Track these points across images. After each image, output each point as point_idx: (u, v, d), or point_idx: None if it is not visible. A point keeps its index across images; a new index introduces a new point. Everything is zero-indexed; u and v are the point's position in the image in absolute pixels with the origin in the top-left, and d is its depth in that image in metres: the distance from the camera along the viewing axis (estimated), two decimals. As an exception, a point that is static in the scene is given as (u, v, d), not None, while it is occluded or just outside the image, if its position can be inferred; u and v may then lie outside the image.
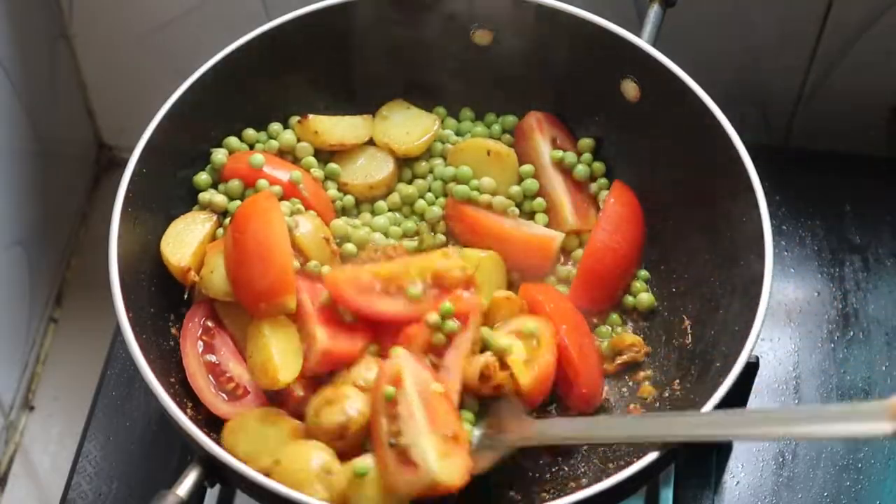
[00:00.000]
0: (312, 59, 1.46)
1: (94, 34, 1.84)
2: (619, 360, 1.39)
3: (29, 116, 1.77)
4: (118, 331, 1.41)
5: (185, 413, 1.19)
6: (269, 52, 1.42)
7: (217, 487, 1.23)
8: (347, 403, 1.25)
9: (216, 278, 1.33)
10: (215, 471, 1.18)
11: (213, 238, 1.38)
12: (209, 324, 1.34)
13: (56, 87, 1.85)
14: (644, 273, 1.44)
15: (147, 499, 1.15)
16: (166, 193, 1.38)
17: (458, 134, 1.50)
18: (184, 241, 1.36)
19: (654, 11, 1.45)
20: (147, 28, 1.80)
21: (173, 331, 1.34)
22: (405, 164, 1.48)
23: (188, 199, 1.40)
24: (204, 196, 1.40)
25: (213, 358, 1.33)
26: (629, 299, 1.43)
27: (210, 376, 1.31)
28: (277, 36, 1.41)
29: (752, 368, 1.34)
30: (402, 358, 1.26)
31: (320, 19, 1.43)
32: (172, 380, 1.28)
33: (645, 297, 1.42)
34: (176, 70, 1.41)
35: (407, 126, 1.48)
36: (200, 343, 1.33)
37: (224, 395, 1.31)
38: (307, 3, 1.43)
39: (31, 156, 1.80)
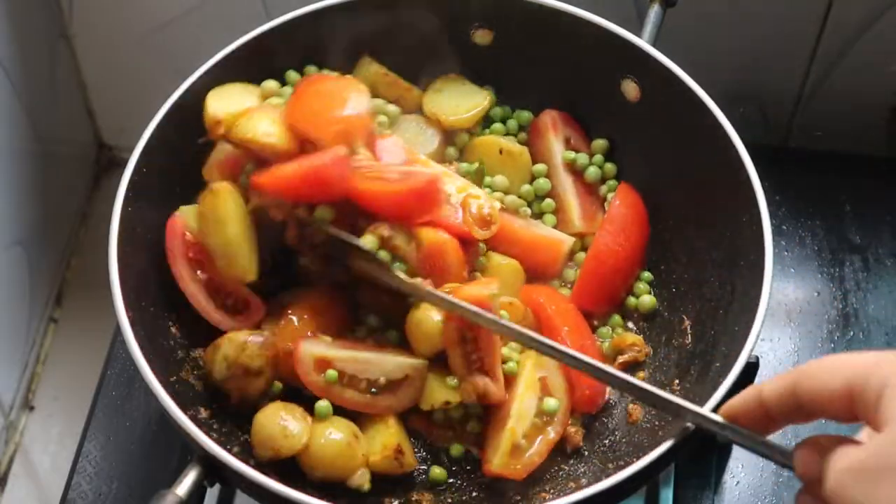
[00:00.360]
0: (312, 59, 1.46)
1: (94, 34, 1.84)
2: (620, 360, 1.38)
3: (29, 116, 1.77)
4: (118, 331, 1.41)
5: (185, 413, 1.19)
6: (269, 52, 1.42)
7: (217, 487, 1.23)
8: None
9: (254, 123, 1.32)
10: (215, 470, 1.18)
11: None
12: (188, 237, 1.33)
13: (56, 87, 1.86)
14: (647, 274, 1.44)
15: (147, 499, 1.15)
16: (167, 193, 1.38)
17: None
18: (231, 99, 1.36)
19: (654, 11, 1.45)
20: (147, 28, 1.80)
21: (173, 330, 1.34)
22: (449, 137, 1.48)
23: (189, 199, 1.40)
24: (270, 83, 1.40)
25: (203, 275, 1.33)
26: (631, 301, 1.43)
27: (207, 295, 1.33)
28: (277, 36, 1.41)
29: (752, 368, 1.34)
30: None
31: (320, 19, 1.43)
32: (173, 380, 1.28)
33: (647, 300, 1.42)
34: (176, 70, 1.41)
35: (457, 99, 1.48)
36: (188, 262, 1.33)
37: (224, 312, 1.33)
38: (307, 3, 1.43)
39: (31, 156, 1.80)
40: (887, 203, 1.66)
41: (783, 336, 1.55)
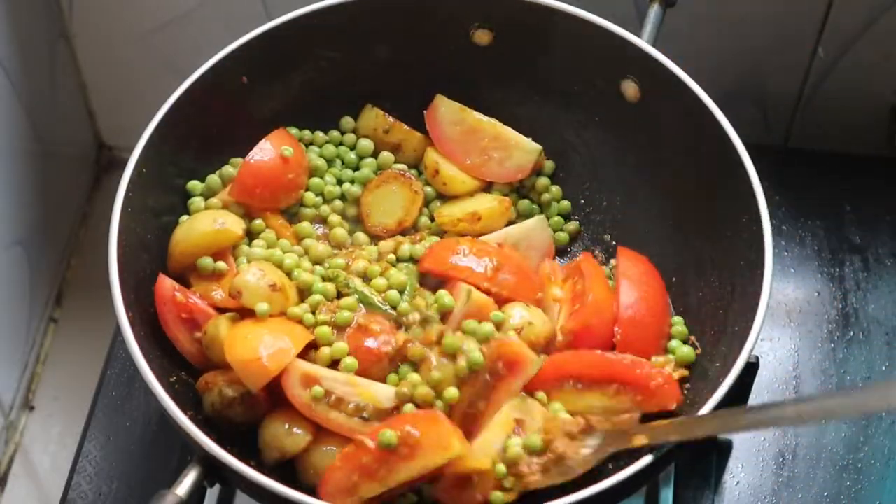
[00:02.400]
0: (313, 59, 1.46)
1: (94, 34, 1.84)
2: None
3: (29, 116, 1.77)
4: (118, 331, 1.41)
5: (185, 413, 1.19)
6: (269, 52, 1.42)
7: (217, 487, 1.23)
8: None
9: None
10: (215, 471, 1.18)
11: None
12: (178, 297, 1.31)
13: (56, 87, 1.85)
14: (679, 327, 1.36)
15: (147, 499, 1.15)
16: (166, 193, 1.38)
17: None
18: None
19: (654, 11, 1.45)
20: (147, 28, 1.80)
21: (173, 330, 1.34)
22: None
23: (188, 199, 1.40)
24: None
25: (199, 335, 1.31)
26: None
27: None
28: (277, 36, 1.42)
29: (752, 368, 1.34)
30: None
31: (321, 19, 1.43)
32: (172, 380, 1.28)
33: (685, 351, 1.33)
34: (176, 70, 1.41)
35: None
36: (182, 323, 1.31)
37: None
38: (307, 2, 1.43)
39: (31, 156, 1.80)
40: (887, 203, 1.66)
41: (783, 336, 1.55)
